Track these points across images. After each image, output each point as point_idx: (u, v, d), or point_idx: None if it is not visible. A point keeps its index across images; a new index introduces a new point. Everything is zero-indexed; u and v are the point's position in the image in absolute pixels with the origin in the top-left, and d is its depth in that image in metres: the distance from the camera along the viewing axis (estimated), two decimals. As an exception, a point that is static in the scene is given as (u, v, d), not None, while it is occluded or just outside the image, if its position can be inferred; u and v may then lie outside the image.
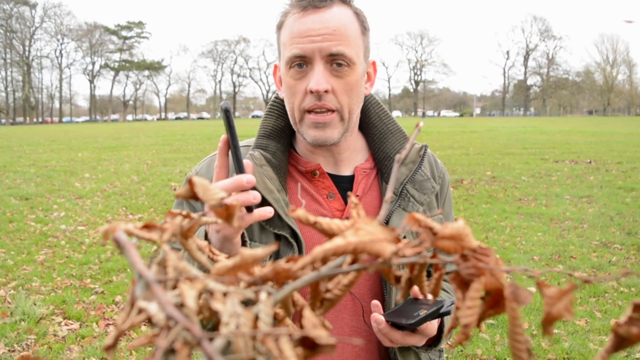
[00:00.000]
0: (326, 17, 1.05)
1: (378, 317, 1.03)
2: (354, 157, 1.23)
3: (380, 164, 1.22)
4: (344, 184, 1.20)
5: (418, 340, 1.05)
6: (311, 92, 1.06)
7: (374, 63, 1.20)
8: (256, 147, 1.18)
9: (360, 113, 1.21)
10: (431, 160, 1.27)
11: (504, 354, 3.51)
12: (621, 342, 0.31)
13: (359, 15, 1.11)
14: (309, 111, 1.09)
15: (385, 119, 1.23)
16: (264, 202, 1.05)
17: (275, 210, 1.06)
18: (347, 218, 1.10)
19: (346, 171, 1.22)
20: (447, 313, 1.01)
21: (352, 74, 1.08)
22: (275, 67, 1.20)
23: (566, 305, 0.33)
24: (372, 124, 1.23)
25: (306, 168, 1.19)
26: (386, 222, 1.15)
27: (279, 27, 1.12)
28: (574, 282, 0.34)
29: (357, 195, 1.19)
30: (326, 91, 1.06)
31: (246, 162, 0.91)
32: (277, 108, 1.21)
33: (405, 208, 1.17)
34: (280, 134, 1.19)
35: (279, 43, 1.13)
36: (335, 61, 1.06)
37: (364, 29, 1.12)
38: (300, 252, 1.10)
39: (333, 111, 1.09)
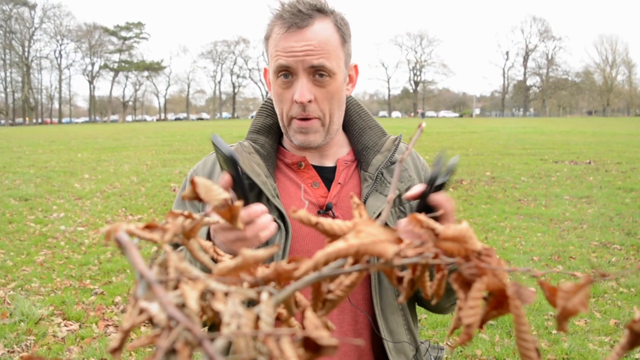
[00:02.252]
0: (307, 35, 1.15)
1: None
2: (338, 152, 1.33)
3: (359, 155, 1.31)
4: (328, 174, 1.29)
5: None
6: (296, 102, 1.17)
7: (355, 66, 1.30)
8: (246, 139, 1.30)
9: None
10: (414, 157, 1.38)
11: (504, 355, 3.51)
12: (636, 338, 0.31)
13: (339, 27, 1.20)
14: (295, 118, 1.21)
15: (364, 116, 1.35)
16: (252, 186, 1.18)
17: (263, 193, 1.19)
18: (333, 204, 1.24)
19: (329, 163, 1.32)
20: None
21: (333, 83, 1.19)
22: (265, 70, 1.30)
23: (582, 300, 0.33)
24: (352, 121, 1.35)
25: (292, 160, 1.29)
26: (363, 202, 1.24)
27: (267, 38, 1.23)
28: (590, 276, 0.34)
29: (339, 183, 1.28)
30: (309, 101, 1.17)
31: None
32: (267, 108, 1.33)
33: (382, 192, 1.26)
34: (269, 130, 1.31)
35: (267, 52, 1.24)
36: (318, 72, 1.16)
37: (344, 40, 1.21)
38: (287, 232, 1.18)
39: (316, 118, 1.20)
